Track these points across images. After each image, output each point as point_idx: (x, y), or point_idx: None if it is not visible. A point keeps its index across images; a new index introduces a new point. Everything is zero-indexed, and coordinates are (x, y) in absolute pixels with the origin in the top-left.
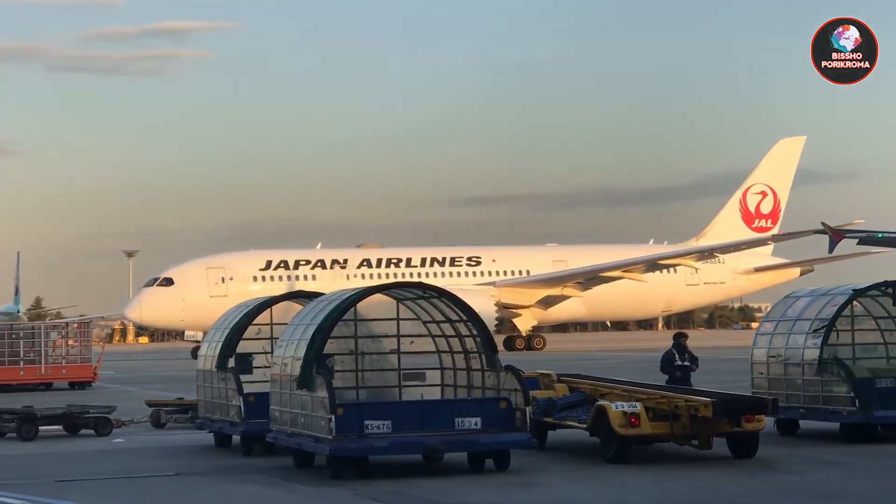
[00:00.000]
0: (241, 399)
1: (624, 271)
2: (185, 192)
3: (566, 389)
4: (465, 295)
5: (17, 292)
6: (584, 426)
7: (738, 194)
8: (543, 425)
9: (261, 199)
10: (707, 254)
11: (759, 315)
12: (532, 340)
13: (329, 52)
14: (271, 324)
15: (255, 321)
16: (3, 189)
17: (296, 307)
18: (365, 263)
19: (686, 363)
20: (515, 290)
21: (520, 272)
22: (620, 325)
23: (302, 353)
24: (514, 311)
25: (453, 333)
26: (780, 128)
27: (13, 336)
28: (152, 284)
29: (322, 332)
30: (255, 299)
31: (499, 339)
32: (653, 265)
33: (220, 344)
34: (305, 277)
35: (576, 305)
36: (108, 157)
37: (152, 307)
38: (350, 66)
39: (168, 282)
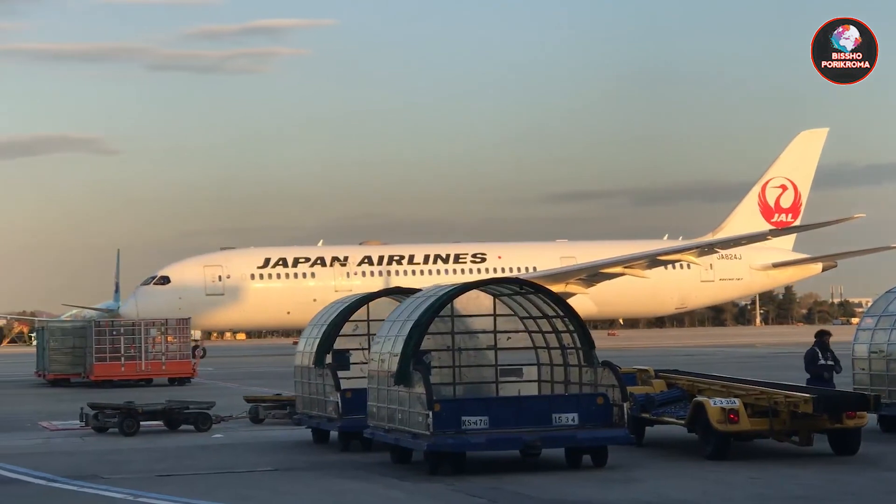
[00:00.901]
0: (338, 395)
1: (625, 268)
2: (282, 189)
3: (664, 385)
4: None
5: (117, 290)
6: (682, 422)
7: (757, 188)
8: (641, 421)
9: (358, 196)
10: (706, 249)
11: (860, 310)
12: None
13: (424, 48)
14: (368, 320)
15: (352, 317)
16: (103, 187)
17: (393, 303)
18: (366, 261)
19: (830, 362)
20: None
21: (525, 269)
22: (635, 323)
23: (399, 349)
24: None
25: (550, 329)
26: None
27: (114, 332)
28: (149, 283)
29: (419, 328)
30: (352, 295)
31: None
32: (654, 261)
33: (318, 340)
34: (304, 275)
35: (585, 303)
36: (205, 155)
37: (148, 306)
38: (444, 64)
39: (165, 280)
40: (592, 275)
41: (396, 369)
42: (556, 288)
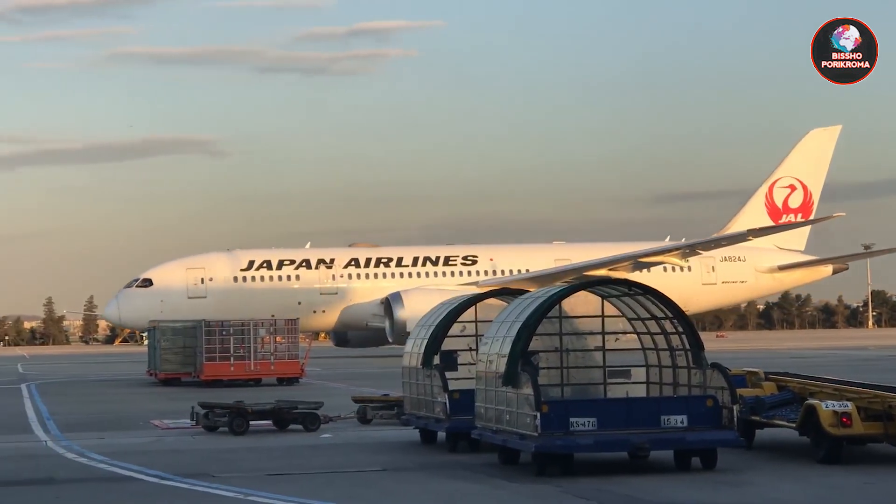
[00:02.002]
0: (446, 396)
1: (610, 270)
2: (390, 189)
3: (774, 388)
4: (444, 296)
5: None
6: (793, 425)
7: (764, 188)
8: (751, 424)
9: (462, 196)
10: (689, 250)
11: None
12: None
13: (530, 49)
14: (476, 321)
15: (459, 318)
16: (214, 189)
17: (501, 304)
18: (353, 263)
19: None
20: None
21: (518, 271)
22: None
23: (507, 349)
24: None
25: (658, 330)
26: None
27: (224, 333)
28: (132, 285)
29: (527, 329)
30: (460, 296)
31: None
32: (639, 264)
33: (426, 341)
34: (289, 278)
35: None
36: (313, 156)
37: (130, 308)
38: (550, 63)
39: (147, 282)
40: (579, 278)
41: (504, 370)
42: None
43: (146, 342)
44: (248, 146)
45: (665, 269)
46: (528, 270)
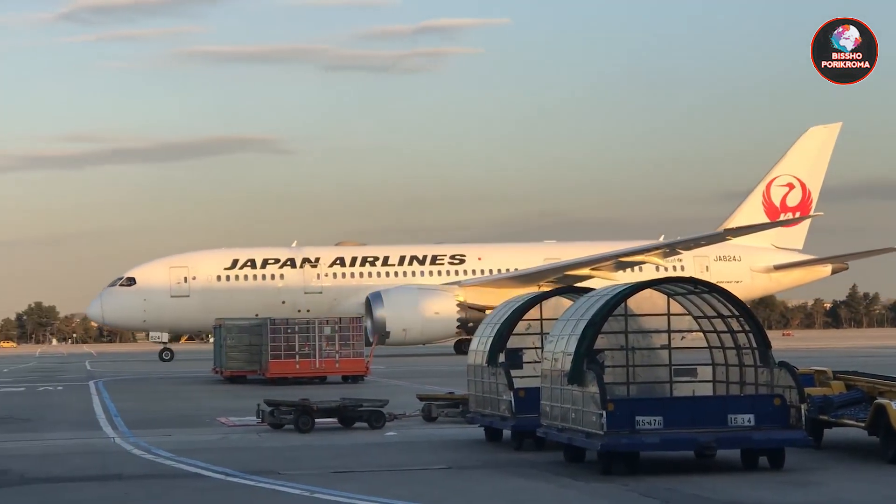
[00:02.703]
0: (511, 394)
1: (592, 269)
2: (454, 187)
3: (842, 387)
4: (425, 295)
5: None
6: (862, 425)
7: (762, 187)
8: (819, 423)
9: (530, 195)
10: (671, 250)
11: None
12: None
13: (597, 46)
14: (541, 319)
15: (525, 316)
16: (278, 187)
17: (566, 302)
18: (338, 262)
19: None
20: (482, 290)
21: (507, 270)
22: None
23: (573, 348)
24: (482, 312)
25: (725, 329)
26: None
27: (289, 331)
28: (116, 284)
29: (593, 328)
30: (525, 294)
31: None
32: (620, 264)
33: (491, 339)
34: (273, 277)
35: (567, 305)
36: (378, 154)
37: (113, 307)
38: (617, 61)
39: (130, 281)
40: (561, 277)
41: (570, 368)
42: (529, 290)
43: (212, 340)
44: (313, 144)
45: (657, 268)
46: (516, 269)
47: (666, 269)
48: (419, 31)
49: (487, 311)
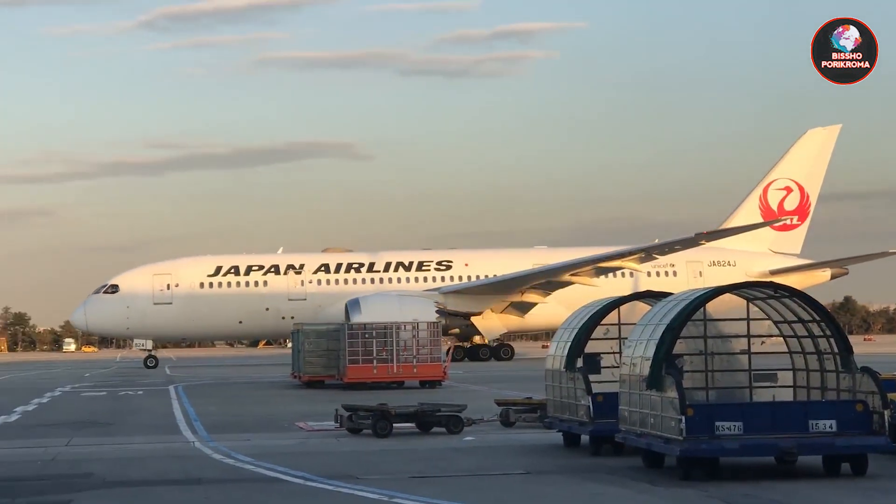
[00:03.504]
0: (589, 399)
1: (572, 275)
2: (528, 192)
3: None
4: (403, 301)
5: None
6: None
7: (759, 190)
8: None
9: (599, 199)
10: (648, 254)
11: None
12: (500, 350)
13: (673, 49)
14: (619, 324)
15: (602, 321)
16: (356, 192)
17: (643, 307)
18: (322, 268)
19: None
20: (463, 297)
21: (494, 276)
22: None
23: (651, 353)
24: (464, 318)
25: (806, 333)
26: None
27: (366, 336)
28: (100, 291)
29: (671, 332)
30: (603, 299)
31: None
32: (600, 269)
33: (569, 344)
34: (256, 283)
35: (557, 311)
36: (455, 159)
37: (96, 315)
38: (694, 64)
39: (114, 288)
40: (544, 282)
41: (648, 373)
42: (512, 297)
43: (290, 345)
44: (391, 149)
45: (649, 273)
46: (495, 275)
47: (667, 274)
48: (496, 36)
49: (472, 318)
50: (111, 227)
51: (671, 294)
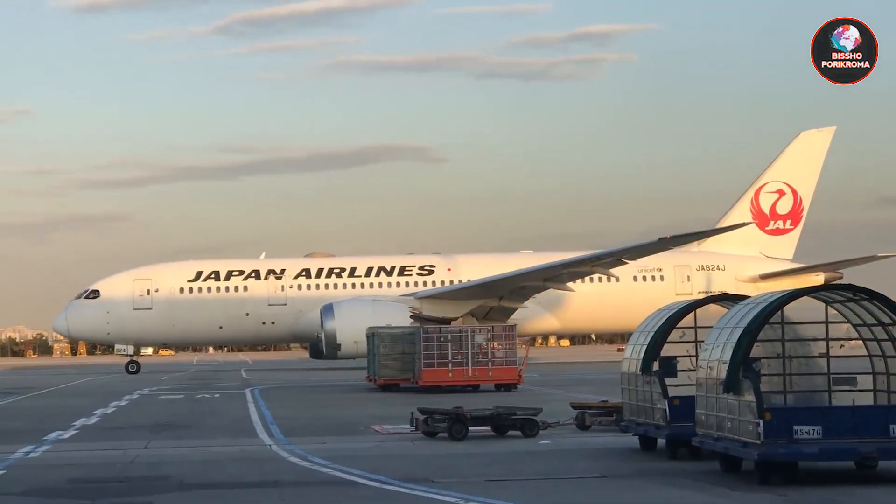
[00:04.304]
0: (666, 402)
1: (545, 281)
2: (611, 194)
3: None
4: (377, 307)
5: None
6: None
7: (750, 194)
8: None
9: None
10: (616, 260)
11: None
12: None
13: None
14: (695, 327)
15: (678, 324)
16: (432, 195)
17: (720, 310)
18: (303, 274)
19: None
20: (439, 302)
21: (468, 281)
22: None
23: (728, 356)
24: (440, 323)
25: (886, 337)
26: None
27: (441, 339)
28: (81, 297)
29: (749, 335)
30: (679, 302)
31: None
32: (574, 273)
33: (645, 347)
34: (237, 289)
35: (544, 318)
36: (532, 162)
37: (77, 320)
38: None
39: (95, 294)
40: (520, 287)
41: (725, 377)
42: (489, 302)
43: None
44: (466, 152)
45: (635, 277)
46: (469, 280)
47: (654, 278)
48: (571, 38)
49: (455, 322)
50: (188, 231)
51: (748, 297)
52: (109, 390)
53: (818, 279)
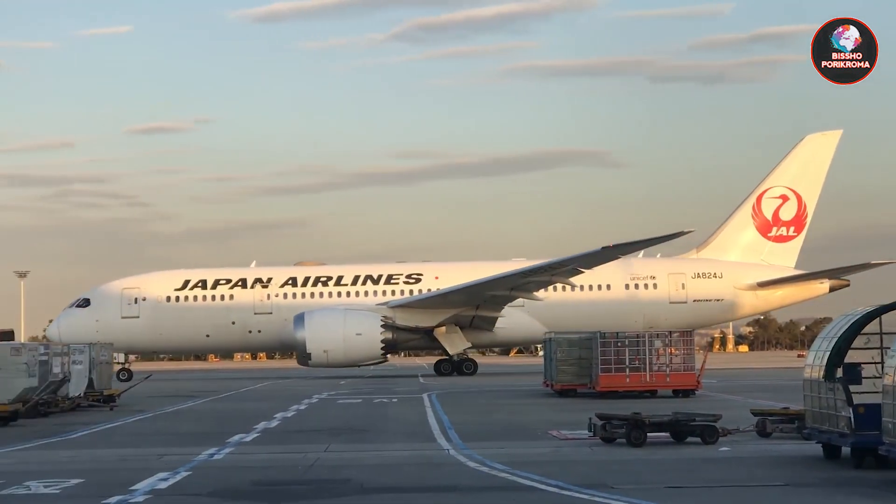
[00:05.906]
0: (850, 410)
1: (512, 290)
2: None
3: None
4: (348, 316)
5: None
6: None
7: (752, 199)
8: None
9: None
10: (573, 269)
11: None
12: (462, 365)
13: None
14: (881, 333)
15: (863, 330)
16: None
17: None
18: (289, 282)
19: None
20: (413, 311)
21: (438, 290)
22: None
23: None
24: (414, 332)
25: None
26: None
27: (619, 344)
28: (73, 305)
29: None
30: (864, 308)
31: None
32: (548, 280)
33: (828, 353)
34: (223, 297)
35: (529, 325)
36: (709, 166)
37: (68, 328)
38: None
39: (85, 302)
40: (488, 298)
41: None
42: (465, 311)
43: (541, 353)
44: (645, 156)
45: (627, 286)
46: (438, 289)
47: (647, 286)
48: (750, 40)
49: (437, 332)
50: (364, 237)
51: None
52: (290, 394)
53: (820, 286)
